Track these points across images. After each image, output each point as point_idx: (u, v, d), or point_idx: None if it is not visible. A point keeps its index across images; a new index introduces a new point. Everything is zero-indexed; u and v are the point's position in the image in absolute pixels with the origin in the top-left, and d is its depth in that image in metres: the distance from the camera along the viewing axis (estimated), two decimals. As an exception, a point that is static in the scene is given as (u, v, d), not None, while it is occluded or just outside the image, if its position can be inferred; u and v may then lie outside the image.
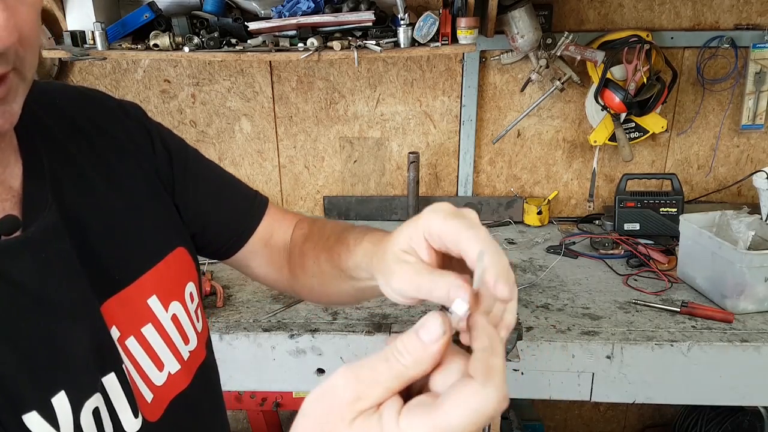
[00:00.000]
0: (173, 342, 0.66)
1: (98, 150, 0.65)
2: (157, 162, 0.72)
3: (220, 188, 0.81)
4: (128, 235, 0.64)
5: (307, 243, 0.81)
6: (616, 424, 2.38)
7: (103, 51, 1.65)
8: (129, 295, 0.62)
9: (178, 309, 0.67)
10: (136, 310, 0.63)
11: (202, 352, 0.72)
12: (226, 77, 1.98)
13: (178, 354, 0.67)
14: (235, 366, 1.36)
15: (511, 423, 2.10)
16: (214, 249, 0.83)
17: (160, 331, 0.65)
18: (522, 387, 1.34)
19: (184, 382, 0.67)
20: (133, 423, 0.59)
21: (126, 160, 0.68)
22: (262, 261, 0.84)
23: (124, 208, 0.65)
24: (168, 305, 0.66)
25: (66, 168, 0.61)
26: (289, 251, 0.84)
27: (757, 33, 1.84)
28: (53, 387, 0.52)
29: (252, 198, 0.84)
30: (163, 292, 0.66)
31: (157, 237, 0.68)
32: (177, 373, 0.66)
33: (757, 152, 2.00)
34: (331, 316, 1.42)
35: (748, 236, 1.44)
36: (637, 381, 1.32)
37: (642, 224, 1.84)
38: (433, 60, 1.93)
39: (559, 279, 1.62)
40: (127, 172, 0.67)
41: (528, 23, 1.70)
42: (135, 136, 0.70)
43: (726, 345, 1.29)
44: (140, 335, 0.62)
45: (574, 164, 2.05)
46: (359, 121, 2.02)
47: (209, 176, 0.80)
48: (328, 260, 0.73)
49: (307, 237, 0.81)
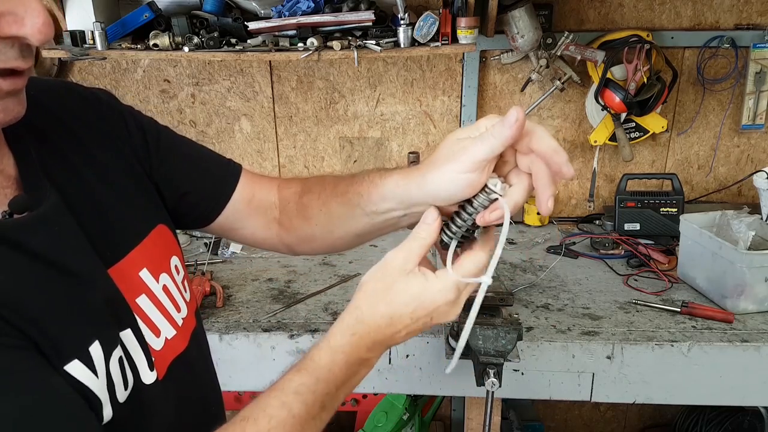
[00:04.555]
0: (167, 310, 0.72)
1: (77, 136, 0.70)
2: (132, 142, 0.77)
3: (194, 158, 0.86)
4: (114, 215, 0.68)
5: (309, 195, 0.86)
6: (617, 425, 2.38)
7: (103, 51, 1.65)
8: (122, 268, 0.67)
9: (167, 281, 0.73)
10: (130, 282, 0.68)
11: (192, 319, 0.78)
12: (226, 77, 1.98)
13: (173, 321, 0.72)
14: (235, 366, 1.36)
15: (511, 423, 2.10)
16: (196, 216, 0.87)
17: (154, 301, 0.70)
18: (522, 387, 1.33)
19: (181, 346, 0.73)
20: (150, 375, 0.66)
21: (103, 145, 0.72)
22: (247, 221, 0.89)
23: (106, 190, 0.69)
24: (158, 277, 0.71)
25: (51, 155, 0.65)
26: (281, 208, 0.89)
27: (758, 33, 1.84)
28: (88, 338, 0.58)
29: (226, 164, 0.89)
30: (152, 266, 0.71)
31: (140, 215, 0.73)
32: (174, 338, 0.72)
33: (757, 152, 2.00)
34: (331, 316, 1.42)
35: (748, 236, 1.44)
36: (638, 381, 1.32)
37: (642, 224, 1.84)
38: (433, 60, 1.93)
39: (559, 279, 1.62)
40: (105, 156, 0.72)
41: (528, 23, 1.70)
42: (109, 121, 0.75)
43: (726, 345, 1.29)
44: (136, 305, 0.67)
45: (575, 164, 2.05)
46: (359, 120, 2.02)
47: (182, 148, 0.85)
48: (343, 203, 0.80)
49: (306, 190, 0.88)
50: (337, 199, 0.82)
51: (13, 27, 0.51)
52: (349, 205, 0.79)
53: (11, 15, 0.50)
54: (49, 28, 0.52)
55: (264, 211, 0.89)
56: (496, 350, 1.14)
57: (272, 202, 0.90)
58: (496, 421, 1.52)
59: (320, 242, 0.88)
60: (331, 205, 0.83)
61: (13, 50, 0.52)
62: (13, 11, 0.50)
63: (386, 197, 0.73)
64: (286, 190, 0.90)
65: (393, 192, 0.72)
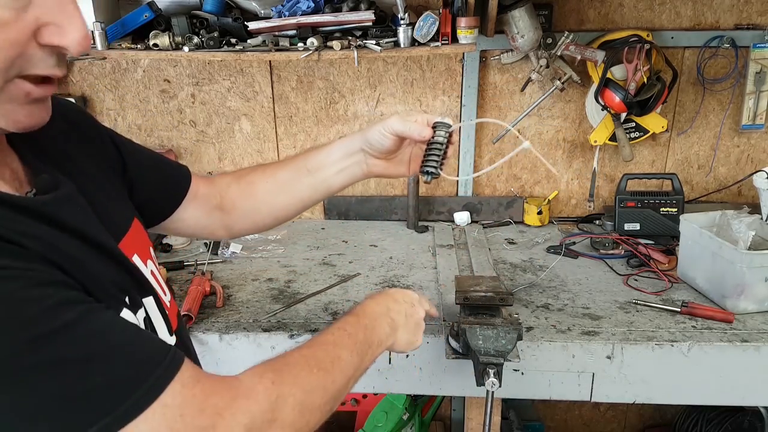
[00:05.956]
0: (158, 293, 0.78)
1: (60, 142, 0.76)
2: (108, 151, 0.86)
3: (155, 162, 0.99)
4: (103, 206, 0.75)
5: (252, 174, 1.08)
6: (617, 424, 2.38)
7: (103, 51, 1.65)
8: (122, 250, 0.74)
9: (153, 267, 0.82)
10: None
11: (175, 305, 0.87)
12: (226, 77, 1.98)
13: (164, 303, 0.79)
14: (235, 366, 1.34)
15: (512, 423, 2.10)
16: (154, 213, 0.98)
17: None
18: (522, 387, 1.33)
19: (173, 326, 0.81)
20: (170, 339, 0.76)
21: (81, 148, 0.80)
22: (193, 212, 1.03)
23: (94, 187, 0.76)
24: (146, 262, 0.79)
25: (40, 154, 0.71)
26: (221, 193, 1.06)
27: (758, 33, 1.84)
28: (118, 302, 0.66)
29: (179, 166, 1.04)
30: (140, 252, 0.79)
31: (121, 208, 0.82)
32: (169, 315, 0.80)
33: (757, 152, 2.00)
34: (331, 317, 1.42)
35: (748, 236, 1.44)
36: (638, 381, 1.32)
37: (642, 224, 1.84)
38: (433, 60, 1.93)
39: (559, 279, 1.62)
40: (85, 157, 0.79)
41: (528, 23, 1.70)
42: (88, 131, 0.84)
43: (726, 345, 1.29)
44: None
45: (575, 164, 2.05)
46: (359, 120, 2.02)
47: (143, 155, 0.97)
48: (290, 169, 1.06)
49: (246, 173, 1.09)
50: (284, 169, 1.06)
51: (55, 37, 0.55)
52: (296, 169, 1.05)
53: (56, 26, 0.54)
54: (88, 41, 0.56)
55: (206, 200, 1.04)
56: (496, 350, 1.14)
57: (213, 191, 1.06)
58: (496, 421, 1.52)
59: (264, 214, 1.08)
60: (278, 174, 1.06)
61: (52, 59, 0.56)
62: (59, 23, 0.54)
63: (332, 152, 1.05)
64: (222, 178, 1.08)
65: (339, 146, 1.06)
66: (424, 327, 1.05)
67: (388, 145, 1.02)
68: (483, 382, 1.11)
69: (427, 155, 1.00)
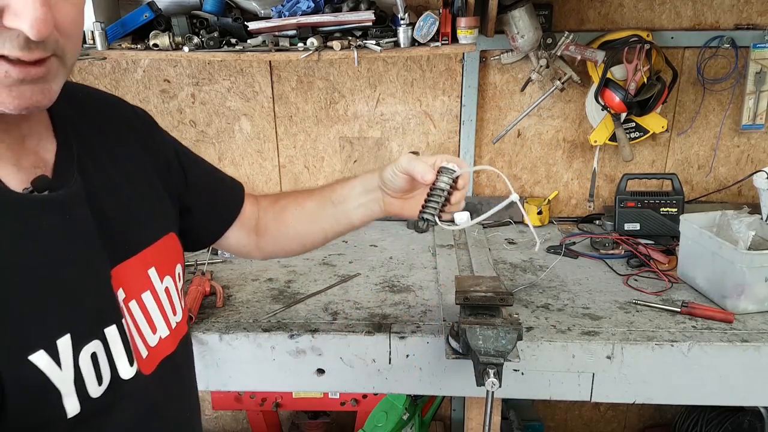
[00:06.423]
0: (165, 311, 0.77)
1: (112, 142, 0.77)
2: (167, 162, 0.87)
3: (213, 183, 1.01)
4: (134, 215, 0.75)
5: (286, 199, 1.10)
6: (617, 425, 2.38)
7: (103, 51, 1.65)
8: (135, 263, 0.73)
9: (170, 284, 0.79)
10: (139, 277, 0.74)
11: (184, 326, 0.84)
12: (226, 77, 1.98)
13: (168, 322, 0.78)
14: (235, 366, 1.36)
15: (512, 423, 2.10)
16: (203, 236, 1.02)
17: (156, 300, 0.76)
18: (522, 387, 1.33)
19: (171, 347, 0.79)
20: (129, 370, 0.69)
21: (136, 154, 0.81)
22: (237, 233, 1.05)
23: (130, 192, 0.76)
24: (163, 278, 0.77)
25: (88, 154, 0.72)
26: (260, 215, 1.08)
27: (758, 33, 1.84)
28: (60, 330, 0.61)
29: (233, 188, 1.06)
30: (160, 267, 0.77)
31: (155, 220, 0.81)
32: (167, 338, 0.78)
33: (757, 152, 2.00)
34: (331, 316, 1.42)
35: (748, 236, 1.44)
36: (638, 381, 1.32)
37: (642, 224, 1.84)
38: (433, 60, 1.93)
39: (559, 279, 1.62)
40: (133, 164, 0.79)
41: (528, 23, 1.70)
42: (147, 136, 0.85)
43: (726, 345, 1.29)
44: (140, 300, 0.73)
45: (575, 164, 2.05)
46: (359, 121, 2.02)
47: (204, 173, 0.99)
48: (316, 200, 1.07)
49: (282, 197, 1.11)
50: (312, 198, 1.07)
51: (11, 20, 0.54)
52: (322, 199, 1.06)
53: (11, 8, 0.54)
54: (44, 25, 0.54)
55: (248, 222, 1.06)
56: (496, 350, 1.14)
57: (254, 213, 1.07)
58: (496, 421, 1.52)
59: (291, 240, 1.09)
60: (306, 203, 1.07)
61: (18, 40, 0.55)
62: (13, 5, 0.54)
63: (355, 186, 1.05)
64: (264, 200, 1.10)
65: (360, 181, 1.05)
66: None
67: (400, 184, 1.00)
68: (483, 382, 1.11)
69: (427, 201, 0.97)
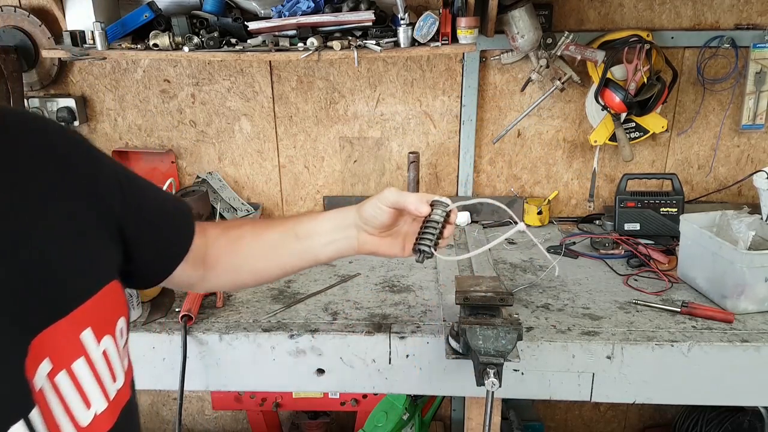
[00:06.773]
0: (101, 380, 0.65)
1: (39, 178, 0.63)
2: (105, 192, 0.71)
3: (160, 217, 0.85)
4: (66, 264, 0.62)
5: (242, 228, 1.00)
6: (617, 425, 2.38)
7: (103, 51, 1.65)
8: (64, 327, 0.60)
9: (110, 344, 0.66)
10: (70, 344, 0.61)
11: (127, 392, 0.71)
12: (226, 77, 1.98)
13: (105, 393, 0.66)
14: (235, 366, 1.36)
15: (512, 423, 2.10)
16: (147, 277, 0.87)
17: (91, 367, 0.64)
18: (522, 387, 1.33)
19: (109, 422, 0.66)
20: None
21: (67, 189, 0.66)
22: (183, 268, 0.90)
23: (62, 237, 0.63)
24: (101, 339, 0.65)
25: (3, 195, 0.58)
26: (209, 244, 0.96)
27: (758, 33, 1.84)
28: None
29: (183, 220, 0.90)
30: (97, 326, 0.64)
31: (95, 268, 0.67)
32: (103, 413, 0.65)
33: (757, 152, 2.00)
34: (331, 316, 1.42)
35: (748, 236, 1.44)
36: (638, 381, 1.32)
37: (642, 224, 1.84)
38: (433, 60, 1.93)
39: (559, 279, 1.62)
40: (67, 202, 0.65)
41: (528, 23, 1.70)
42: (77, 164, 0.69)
43: (726, 345, 1.29)
44: (71, 371, 0.61)
45: (575, 164, 2.05)
46: (359, 121, 2.02)
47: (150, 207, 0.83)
48: (279, 231, 0.98)
49: (237, 225, 1.02)
50: (273, 230, 0.98)
51: None
52: (285, 232, 0.97)
53: None
54: None
55: (196, 254, 0.92)
56: (496, 350, 1.14)
57: (202, 244, 0.94)
58: (496, 421, 1.52)
59: (245, 274, 0.99)
60: (265, 234, 0.98)
61: None
62: None
63: (324, 222, 0.97)
64: (213, 229, 0.98)
65: (331, 217, 0.97)
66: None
67: (383, 219, 0.94)
68: (483, 382, 1.11)
69: (422, 233, 0.94)
